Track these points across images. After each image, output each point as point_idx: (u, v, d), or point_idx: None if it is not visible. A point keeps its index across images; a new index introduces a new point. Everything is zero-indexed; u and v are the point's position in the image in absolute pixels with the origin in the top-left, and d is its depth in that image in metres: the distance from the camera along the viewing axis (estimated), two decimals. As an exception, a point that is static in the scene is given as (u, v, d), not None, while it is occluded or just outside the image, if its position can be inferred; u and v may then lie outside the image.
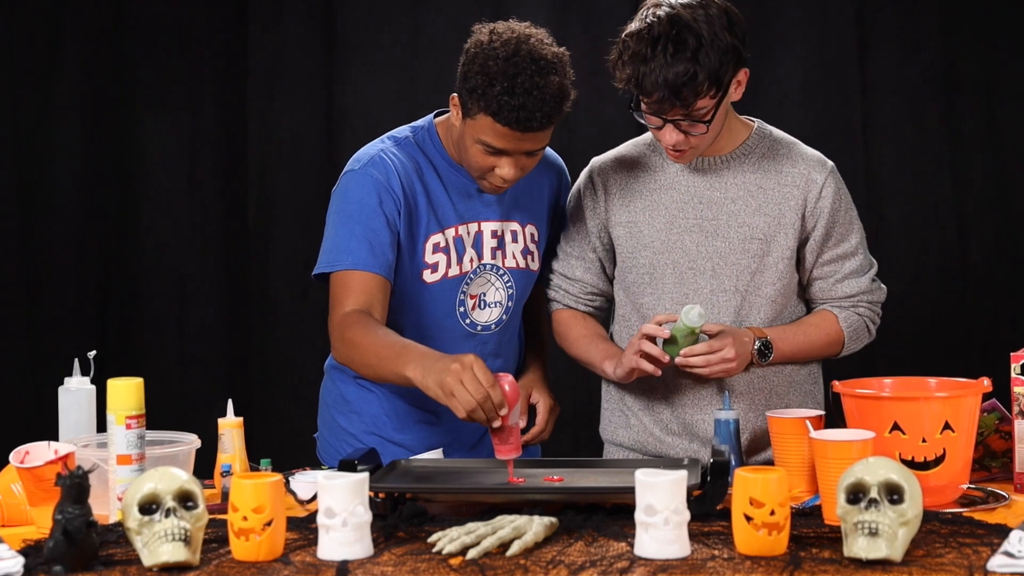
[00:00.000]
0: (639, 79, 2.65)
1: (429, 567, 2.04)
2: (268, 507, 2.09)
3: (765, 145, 2.89)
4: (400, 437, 2.94)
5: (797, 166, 2.87)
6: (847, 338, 2.92)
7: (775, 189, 2.85)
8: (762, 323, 2.86)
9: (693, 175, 2.87)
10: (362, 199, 2.78)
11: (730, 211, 2.85)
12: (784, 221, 2.84)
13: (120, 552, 2.16)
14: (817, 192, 2.85)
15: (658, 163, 2.91)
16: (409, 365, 2.53)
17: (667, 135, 2.74)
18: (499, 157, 2.70)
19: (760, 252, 2.84)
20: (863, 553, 2.00)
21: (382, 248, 2.75)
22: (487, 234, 2.89)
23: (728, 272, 2.85)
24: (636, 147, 2.97)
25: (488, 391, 2.42)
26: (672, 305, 2.86)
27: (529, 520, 2.17)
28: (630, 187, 2.91)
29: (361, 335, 2.66)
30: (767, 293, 2.86)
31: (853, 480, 2.05)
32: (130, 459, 2.38)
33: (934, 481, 2.39)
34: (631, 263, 2.91)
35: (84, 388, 2.79)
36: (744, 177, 2.86)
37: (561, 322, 3.02)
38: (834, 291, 2.91)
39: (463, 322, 2.88)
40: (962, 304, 4.55)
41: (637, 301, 2.92)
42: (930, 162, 4.57)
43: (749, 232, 2.84)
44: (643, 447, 2.96)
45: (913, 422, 2.41)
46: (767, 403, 2.89)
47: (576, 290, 2.99)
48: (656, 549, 2.05)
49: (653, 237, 2.88)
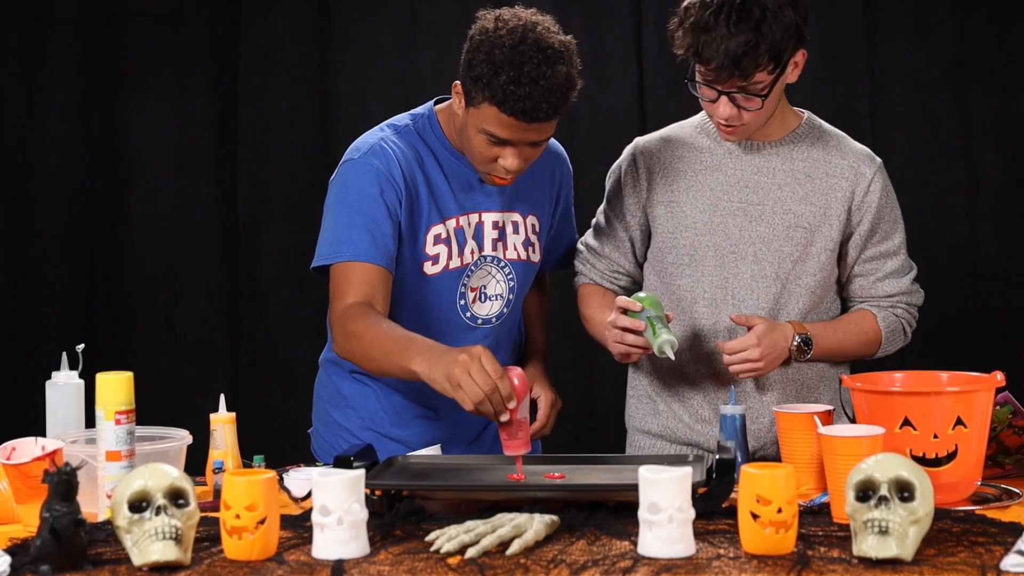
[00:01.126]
0: (699, 47, 2.69)
1: (427, 566, 2.04)
2: (261, 505, 2.09)
3: (815, 135, 2.93)
4: (398, 432, 2.94)
5: (846, 159, 2.91)
6: (884, 339, 2.95)
7: (823, 179, 2.89)
8: (799, 312, 2.89)
9: (740, 158, 2.90)
10: (363, 189, 2.77)
11: (776, 197, 2.88)
12: (830, 212, 2.88)
13: (109, 551, 2.16)
14: (865, 187, 2.89)
15: (705, 144, 2.94)
16: (415, 358, 2.52)
17: (721, 108, 2.76)
18: (503, 147, 2.70)
19: (804, 241, 2.87)
20: (873, 552, 2.00)
21: (383, 239, 2.75)
22: (488, 225, 2.89)
23: (770, 258, 2.87)
24: (682, 128, 3.00)
25: (496, 383, 2.42)
26: (711, 289, 2.89)
27: (530, 518, 2.17)
28: (674, 167, 2.94)
29: (364, 328, 2.66)
30: (807, 283, 2.88)
31: (863, 477, 2.05)
32: (119, 455, 2.38)
33: (946, 478, 2.39)
34: (670, 243, 2.93)
35: (72, 382, 2.79)
36: (792, 165, 2.89)
37: (583, 296, 3.06)
38: (874, 289, 2.94)
39: (463, 315, 2.88)
40: (974, 297, 4.55)
41: (674, 283, 2.93)
42: (941, 151, 4.56)
43: (794, 220, 2.87)
44: (672, 435, 2.97)
45: (924, 417, 2.41)
46: (797, 396, 2.92)
47: (603, 266, 3.03)
48: (660, 548, 2.05)
49: (696, 218, 2.90)
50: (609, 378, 3.08)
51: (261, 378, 4.69)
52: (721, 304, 2.89)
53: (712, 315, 2.89)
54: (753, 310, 2.87)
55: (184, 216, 4.69)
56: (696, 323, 2.91)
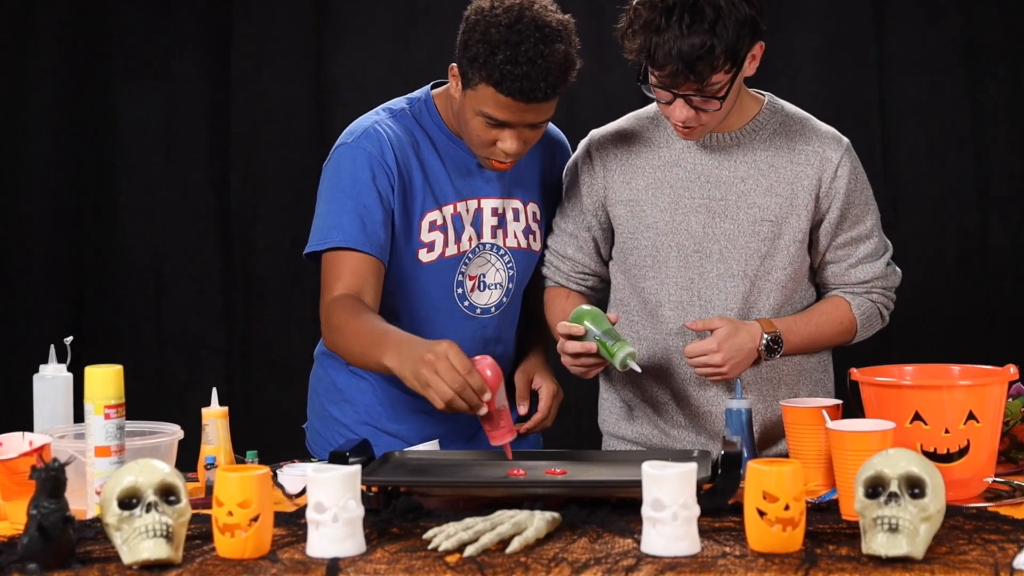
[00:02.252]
0: (650, 50, 2.63)
1: (424, 565, 2.04)
2: (254, 502, 2.08)
3: (777, 121, 2.87)
4: (395, 427, 2.93)
5: (811, 143, 2.85)
6: (859, 326, 2.92)
7: (787, 168, 2.84)
8: (771, 309, 2.86)
9: (700, 152, 2.86)
10: (354, 174, 2.77)
11: (739, 191, 2.84)
12: (797, 202, 2.83)
13: (98, 549, 2.15)
14: (832, 171, 2.83)
15: (662, 139, 2.90)
16: (387, 354, 2.54)
17: (677, 111, 2.72)
18: (501, 130, 2.70)
19: (771, 235, 2.83)
20: (883, 550, 2.00)
21: (374, 226, 2.75)
22: (487, 212, 2.88)
23: (736, 256, 2.84)
24: (638, 120, 2.95)
25: (465, 378, 2.42)
26: (677, 291, 2.85)
27: (530, 515, 2.17)
28: (632, 163, 2.90)
29: (345, 321, 2.67)
30: (777, 278, 2.85)
31: (872, 473, 2.05)
32: (109, 451, 2.37)
33: (957, 474, 2.39)
34: (632, 245, 2.90)
35: (60, 376, 2.79)
36: (754, 155, 2.85)
37: (546, 301, 3.02)
38: (848, 276, 2.90)
39: (461, 304, 2.88)
40: (985, 288, 4.54)
41: (638, 285, 2.91)
42: (951, 138, 4.56)
43: (760, 214, 2.83)
44: (647, 441, 2.95)
45: (935, 412, 2.40)
46: (776, 393, 2.89)
47: (567, 268, 2.99)
48: (664, 546, 2.05)
49: (656, 218, 2.86)
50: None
51: (254, 371, 4.69)
52: (688, 306, 2.86)
53: (679, 317, 2.86)
54: (722, 310, 2.84)
55: (175, 206, 4.69)
56: (663, 326, 2.88)
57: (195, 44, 4.68)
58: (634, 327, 2.92)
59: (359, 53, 4.64)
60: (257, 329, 4.70)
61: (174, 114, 4.68)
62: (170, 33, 4.66)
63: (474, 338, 2.89)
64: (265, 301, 4.70)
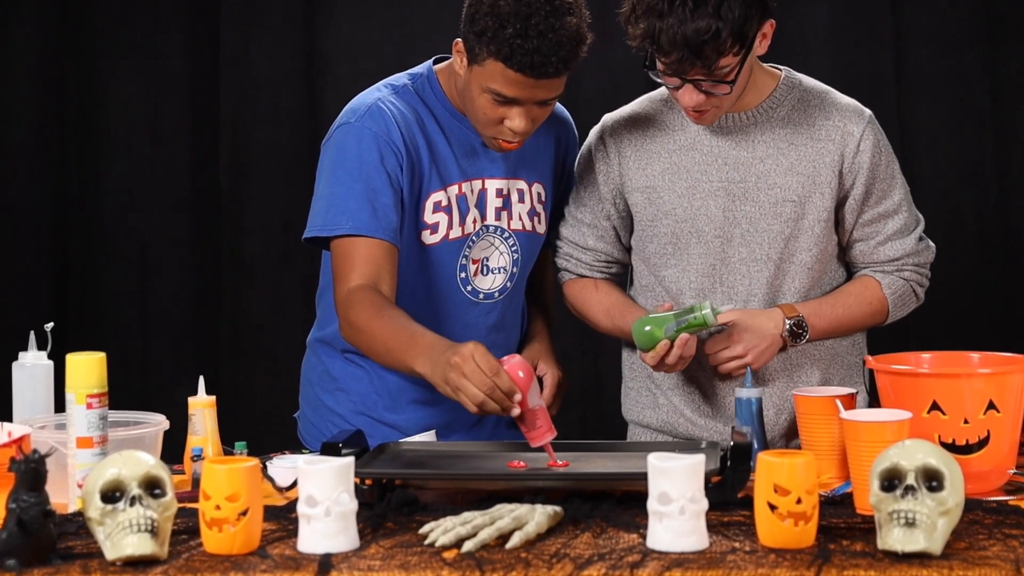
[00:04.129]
0: (655, 36, 2.63)
1: (420, 561, 2.03)
2: (243, 495, 2.08)
3: (795, 96, 2.87)
4: (392, 418, 2.93)
5: (831, 118, 2.85)
6: (891, 305, 2.91)
7: (808, 145, 2.84)
8: (797, 292, 2.86)
9: (716, 134, 2.86)
10: (361, 155, 2.76)
11: (759, 172, 2.84)
12: (819, 180, 2.83)
13: (80, 544, 2.15)
14: (855, 146, 2.83)
15: (676, 122, 2.89)
16: (418, 359, 2.55)
17: (686, 96, 2.71)
18: (509, 107, 2.69)
19: (794, 216, 2.83)
20: (899, 545, 1.99)
21: (385, 210, 2.74)
22: (492, 192, 2.88)
23: (759, 239, 2.84)
24: (651, 103, 2.95)
25: (493, 380, 2.42)
26: (699, 278, 2.86)
27: (531, 509, 2.17)
28: (646, 149, 2.90)
29: (367, 319, 2.67)
30: (803, 260, 2.85)
31: (888, 465, 2.05)
32: (91, 442, 2.37)
33: (977, 466, 2.39)
34: (651, 232, 2.90)
35: (40, 364, 2.79)
36: (773, 133, 2.84)
37: (579, 292, 3.01)
38: (877, 254, 2.90)
39: (464, 289, 2.87)
40: (1005, 272, 4.54)
41: (659, 273, 2.91)
42: (970, 116, 4.55)
43: (781, 194, 2.83)
44: (673, 429, 2.96)
45: (954, 401, 2.40)
46: (808, 379, 2.90)
47: (590, 259, 2.99)
48: (671, 541, 2.05)
49: (675, 204, 2.86)
50: (618, 360, 3.07)
51: (243, 359, 4.69)
52: (711, 294, 2.86)
53: None
54: (746, 296, 2.85)
55: (161, 187, 4.68)
56: None
57: (181, 19, 4.67)
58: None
59: (351, 26, 4.63)
60: (246, 315, 4.70)
61: (160, 92, 4.67)
62: (155, 7, 4.65)
63: (476, 325, 2.88)
64: (254, 286, 4.70)
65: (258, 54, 4.67)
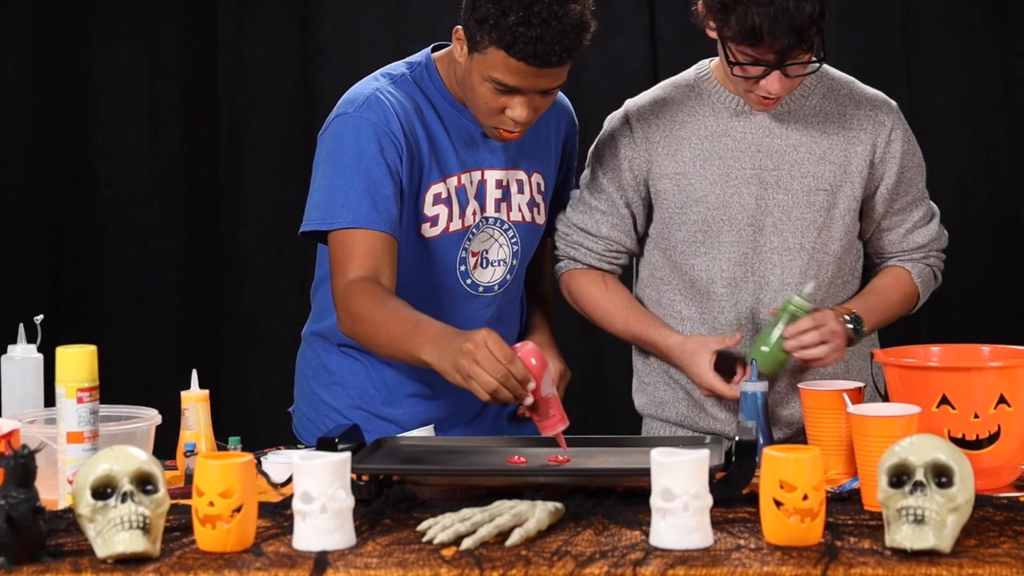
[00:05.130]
0: (755, 28, 2.62)
1: (418, 558, 2.03)
2: (237, 491, 2.08)
3: (824, 85, 2.90)
4: (390, 412, 2.93)
5: (862, 107, 2.89)
6: (921, 294, 2.97)
7: (840, 134, 2.87)
8: (828, 282, 2.88)
9: (749, 121, 2.87)
10: (360, 146, 2.74)
11: (792, 160, 2.86)
12: (851, 169, 2.86)
13: (70, 542, 2.15)
14: (887, 136, 2.88)
15: (706, 108, 2.90)
16: (425, 347, 2.53)
17: (774, 84, 2.72)
18: (511, 96, 2.68)
19: (826, 205, 2.86)
20: (908, 543, 1.99)
21: (385, 202, 2.73)
22: (491, 184, 2.87)
23: (792, 228, 2.86)
24: (676, 89, 2.95)
25: (507, 368, 2.41)
26: (730, 267, 2.87)
27: (531, 506, 2.16)
28: (676, 135, 2.90)
29: (369, 309, 2.65)
30: (834, 250, 2.88)
31: (896, 461, 2.04)
32: (82, 437, 2.37)
33: (988, 462, 2.38)
34: (678, 220, 2.90)
35: (30, 357, 2.79)
36: (806, 122, 2.87)
37: (586, 286, 2.99)
38: (906, 242, 2.95)
39: (463, 282, 2.87)
40: (1018, 262, 4.54)
41: (685, 263, 2.90)
42: (982, 104, 4.55)
43: (814, 183, 2.85)
44: (693, 424, 2.96)
45: (964, 395, 2.40)
46: (832, 373, 2.91)
47: (600, 248, 2.97)
48: (674, 538, 2.05)
49: (706, 191, 2.87)
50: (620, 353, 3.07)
51: (237, 353, 4.69)
52: (742, 282, 2.87)
53: (732, 295, 2.87)
54: (778, 286, 2.86)
55: (155, 176, 4.69)
56: (715, 304, 2.89)
57: (177, 5, 4.67)
58: (675, 307, 2.93)
59: (348, 13, 4.63)
60: (240, 308, 4.70)
61: (155, 80, 4.68)
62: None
63: (475, 319, 2.88)
64: (248, 278, 4.70)
65: (254, 42, 4.68)
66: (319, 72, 4.63)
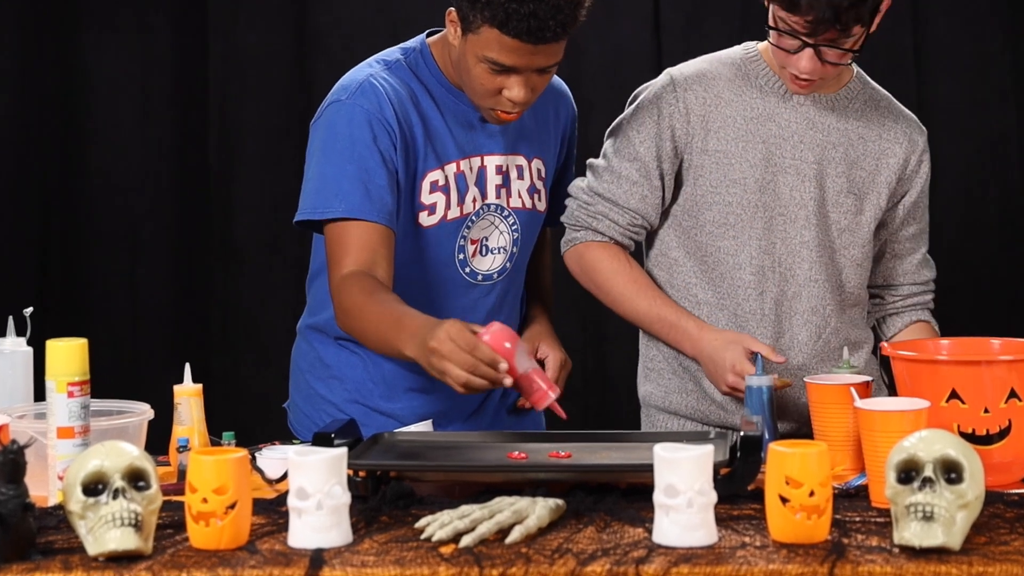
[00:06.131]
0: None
1: (416, 556, 2.03)
2: (231, 487, 2.08)
3: (867, 94, 2.94)
4: (388, 406, 2.93)
5: (899, 123, 2.94)
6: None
7: (876, 143, 2.90)
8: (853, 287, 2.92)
9: (795, 110, 2.88)
10: (353, 134, 2.74)
11: (830, 157, 2.88)
12: (879, 179, 2.90)
13: (61, 539, 2.15)
14: (919, 155, 2.94)
15: (753, 89, 2.90)
16: (407, 344, 2.54)
17: (804, 61, 2.73)
18: (507, 76, 2.68)
19: (853, 209, 2.89)
20: (916, 540, 1.99)
21: (380, 192, 2.73)
22: (491, 169, 2.87)
23: (819, 225, 2.88)
24: (723, 66, 2.93)
25: (472, 356, 2.42)
26: (758, 254, 2.87)
27: (532, 502, 2.16)
28: (721, 112, 2.89)
29: (360, 304, 2.66)
30: (854, 256, 2.91)
31: (905, 456, 2.04)
32: (72, 432, 2.37)
33: (998, 457, 2.38)
34: (711, 200, 2.88)
35: (19, 350, 2.80)
36: (847, 123, 2.90)
37: (606, 259, 2.94)
38: (919, 275, 3.03)
39: (462, 271, 2.87)
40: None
41: (711, 244, 2.89)
42: (991, 92, 4.55)
43: (845, 184, 2.88)
44: (704, 417, 2.95)
45: (974, 389, 2.39)
46: None
47: (625, 222, 2.93)
48: (678, 535, 2.05)
49: (746, 173, 2.87)
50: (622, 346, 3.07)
51: (231, 346, 4.69)
52: (768, 272, 2.87)
53: (758, 283, 2.87)
54: (803, 281, 2.87)
55: (146, 166, 4.69)
56: (737, 290, 2.88)
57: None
58: (691, 290, 2.92)
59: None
60: (234, 300, 4.70)
61: (146, 68, 4.67)
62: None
63: (475, 308, 2.88)
64: (243, 270, 4.69)
65: (247, 28, 4.67)
66: (314, 59, 4.62)
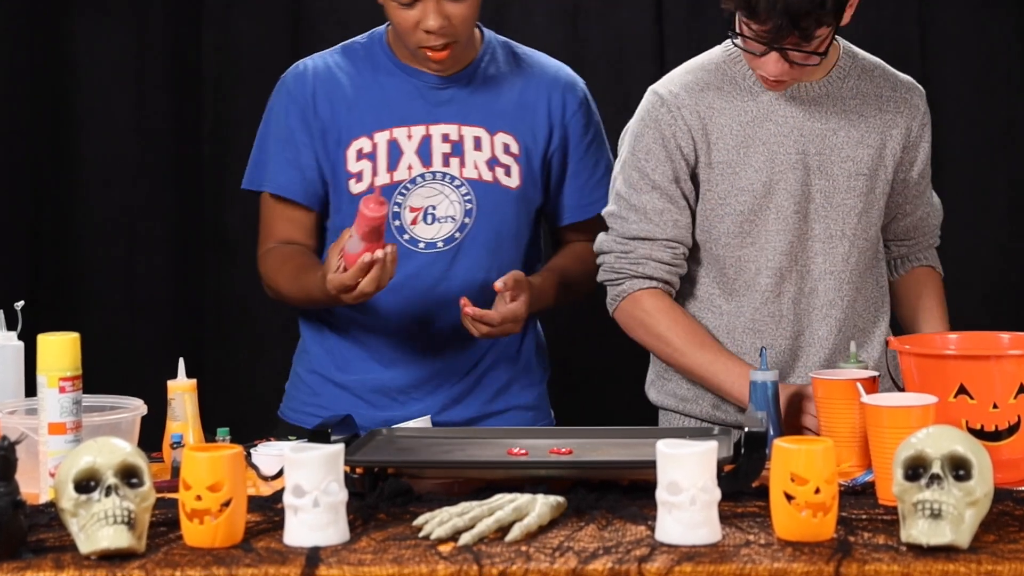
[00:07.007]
0: (750, 3, 2.63)
1: (415, 554, 2.03)
2: (226, 484, 2.08)
3: (858, 67, 2.93)
4: (342, 378, 3.07)
5: (897, 90, 2.94)
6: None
7: (876, 117, 2.91)
8: (865, 270, 2.92)
9: (789, 104, 2.88)
10: (279, 114, 3.06)
11: (833, 144, 2.88)
12: (885, 152, 2.91)
13: (53, 537, 2.15)
14: (921, 119, 2.95)
15: (743, 91, 2.89)
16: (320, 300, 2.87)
17: (771, 65, 2.73)
18: (414, 7, 2.84)
19: (865, 189, 2.90)
20: (924, 538, 1.99)
21: (300, 169, 3.01)
22: (437, 138, 2.97)
23: (835, 215, 2.88)
24: (706, 73, 2.92)
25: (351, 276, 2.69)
26: (776, 256, 2.87)
27: (532, 500, 2.17)
28: (716, 122, 2.88)
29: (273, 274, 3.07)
30: (871, 236, 2.93)
31: (912, 453, 2.04)
32: (64, 428, 2.37)
33: (1007, 454, 2.39)
34: (722, 211, 2.89)
35: (10, 345, 2.80)
36: (844, 104, 2.90)
37: (664, 310, 2.88)
38: (927, 224, 3.05)
39: (400, 237, 2.96)
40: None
41: (729, 256, 2.89)
42: (1001, 80, 4.53)
43: (854, 167, 2.89)
44: (721, 421, 2.93)
45: (982, 385, 2.40)
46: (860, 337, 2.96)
47: (668, 256, 2.89)
48: (681, 534, 2.05)
49: (752, 178, 2.87)
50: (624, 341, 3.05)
51: (226, 340, 4.68)
52: (787, 273, 2.88)
53: (777, 286, 2.88)
54: (822, 274, 2.88)
55: (139, 155, 4.67)
56: (756, 296, 2.89)
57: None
58: (714, 301, 2.93)
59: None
60: (229, 293, 4.69)
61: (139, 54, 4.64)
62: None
63: (419, 274, 2.97)
64: (238, 262, 4.68)
65: (242, 15, 4.65)
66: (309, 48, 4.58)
